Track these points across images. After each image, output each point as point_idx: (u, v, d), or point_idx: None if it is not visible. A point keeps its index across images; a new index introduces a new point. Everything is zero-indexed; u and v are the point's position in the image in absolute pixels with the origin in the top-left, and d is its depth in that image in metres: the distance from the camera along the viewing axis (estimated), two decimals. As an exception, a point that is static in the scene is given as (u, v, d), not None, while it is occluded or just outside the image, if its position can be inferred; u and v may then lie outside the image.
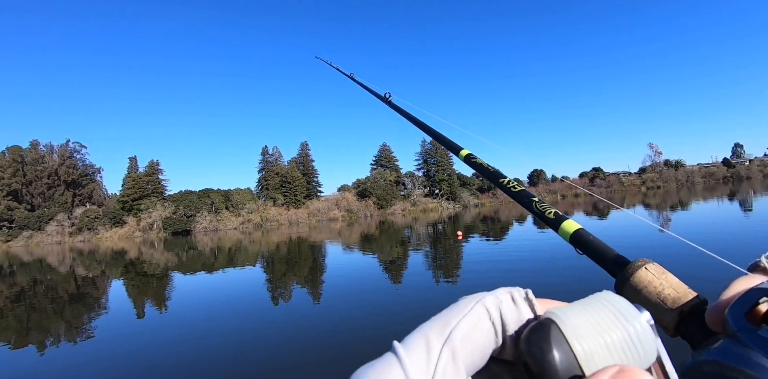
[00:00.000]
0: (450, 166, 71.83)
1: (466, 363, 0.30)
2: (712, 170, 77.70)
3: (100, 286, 15.37)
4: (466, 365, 0.30)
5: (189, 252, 26.91)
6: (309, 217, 59.92)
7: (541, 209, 0.70)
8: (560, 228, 0.64)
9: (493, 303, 0.33)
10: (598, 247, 0.57)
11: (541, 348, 0.28)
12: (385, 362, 0.31)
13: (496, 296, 0.34)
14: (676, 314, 0.44)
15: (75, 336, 8.05)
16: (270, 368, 5.22)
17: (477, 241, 17.58)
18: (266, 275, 13.98)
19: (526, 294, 0.34)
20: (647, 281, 0.47)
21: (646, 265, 0.49)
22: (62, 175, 66.84)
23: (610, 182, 74.01)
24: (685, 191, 49.71)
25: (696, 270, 3.55)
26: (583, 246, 0.59)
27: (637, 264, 0.49)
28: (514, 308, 0.33)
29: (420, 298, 8.38)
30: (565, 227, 0.63)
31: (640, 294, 0.47)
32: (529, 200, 0.74)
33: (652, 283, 0.47)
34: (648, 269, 0.48)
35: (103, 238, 55.86)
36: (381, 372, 0.30)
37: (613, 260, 0.54)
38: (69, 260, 28.48)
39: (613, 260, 0.54)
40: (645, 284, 0.47)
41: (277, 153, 70.19)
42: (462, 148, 1.08)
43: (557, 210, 0.67)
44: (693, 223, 17.11)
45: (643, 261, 0.50)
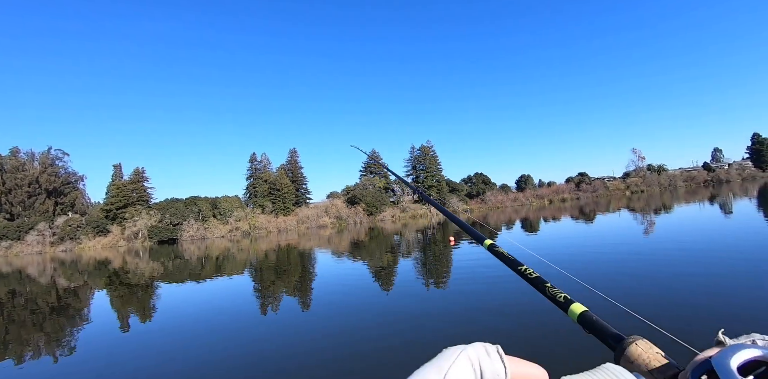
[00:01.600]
0: (439, 173, 72.29)
1: None
2: (693, 174, 79.64)
3: (83, 297, 14.94)
4: None
5: (175, 261, 26.41)
6: (298, 224, 59.48)
7: (552, 293, 0.82)
8: (569, 310, 0.77)
9: (474, 355, 0.37)
10: (599, 326, 0.71)
11: None
12: None
13: (475, 348, 0.39)
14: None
15: (56, 350, 7.79)
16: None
17: (467, 246, 17.64)
18: (255, 284, 13.79)
19: (497, 349, 0.39)
20: (637, 355, 0.62)
21: (636, 341, 0.64)
22: (43, 184, 65.26)
23: (595, 187, 75.26)
24: (668, 195, 50.80)
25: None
26: (588, 326, 0.73)
27: (629, 341, 0.64)
28: (489, 360, 0.38)
29: (411, 306, 8.35)
30: (573, 309, 0.76)
31: (633, 365, 0.62)
32: (543, 285, 0.85)
33: (641, 356, 0.61)
34: (638, 344, 0.63)
35: (86, 247, 54.51)
36: None
37: (612, 337, 0.68)
38: (50, 271, 27.67)
39: (611, 336, 0.68)
40: (635, 357, 0.62)
41: (266, 160, 69.80)
42: (486, 238, 1.19)
43: (566, 294, 0.81)
44: (676, 230, 17.44)
45: (634, 338, 0.65)
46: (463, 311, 7.33)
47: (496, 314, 6.88)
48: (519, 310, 6.87)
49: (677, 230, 15.79)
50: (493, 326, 6.32)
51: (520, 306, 7.03)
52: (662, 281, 8.26)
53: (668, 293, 7.41)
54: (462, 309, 7.49)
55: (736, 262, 8.84)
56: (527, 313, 6.61)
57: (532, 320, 6.28)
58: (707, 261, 9.31)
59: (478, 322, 6.60)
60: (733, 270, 8.12)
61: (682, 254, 10.59)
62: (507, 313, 6.86)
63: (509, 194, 75.10)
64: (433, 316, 7.21)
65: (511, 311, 6.94)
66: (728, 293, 6.84)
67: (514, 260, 0.98)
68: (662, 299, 7.17)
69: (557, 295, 0.81)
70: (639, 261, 10.21)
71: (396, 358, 5.32)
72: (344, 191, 68.24)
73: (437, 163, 73.04)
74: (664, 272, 8.97)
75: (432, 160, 72.39)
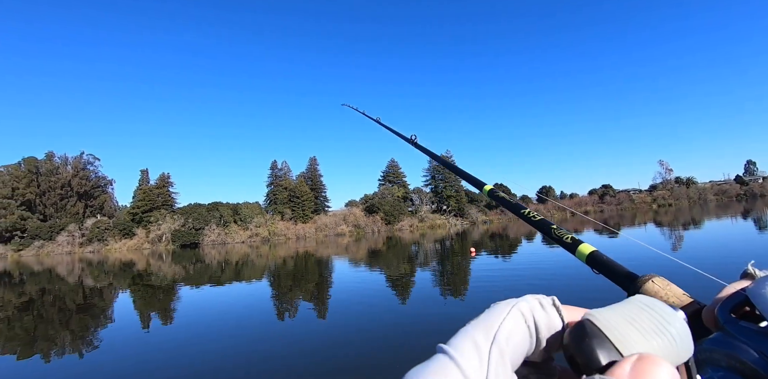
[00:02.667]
0: (458, 183, 71.69)
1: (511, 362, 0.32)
2: (724, 188, 76.51)
3: (107, 297, 15.39)
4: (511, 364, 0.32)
5: (196, 265, 26.94)
6: (316, 232, 59.88)
7: (559, 235, 0.78)
8: (577, 251, 0.73)
9: (527, 308, 0.36)
10: (611, 265, 0.67)
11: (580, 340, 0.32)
12: (439, 362, 0.32)
13: (527, 301, 0.37)
14: None
15: (80, 347, 8.03)
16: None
17: (487, 257, 17.37)
18: (272, 290, 13.91)
19: (553, 301, 0.37)
20: (654, 292, 0.57)
21: (652, 278, 0.59)
22: (75, 187, 68.06)
23: (620, 200, 73.15)
24: (698, 209, 48.84)
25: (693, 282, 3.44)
26: (598, 266, 0.69)
27: (644, 278, 0.60)
28: (544, 313, 0.36)
29: (429, 316, 8.26)
30: (582, 250, 0.72)
31: None
32: (549, 227, 0.82)
33: (659, 293, 0.56)
34: (654, 281, 0.58)
35: (112, 249, 56.29)
36: (437, 372, 0.32)
37: (625, 276, 0.63)
38: (78, 271, 28.65)
39: (624, 275, 0.64)
40: (652, 294, 0.56)
41: (286, 168, 70.88)
42: (485, 184, 1.16)
43: (573, 235, 0.76)
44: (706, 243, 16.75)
45: (649, 276, 0.60)
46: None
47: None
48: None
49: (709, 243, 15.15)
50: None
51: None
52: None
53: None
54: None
55: None
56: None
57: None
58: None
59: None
60: None
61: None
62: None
63: (529, 205, 73.79)
64: (453, 327, 7.10)
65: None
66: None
67: (516, 203, 0.96)
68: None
69: (564, 236, 0.77)
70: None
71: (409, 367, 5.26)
72: (363, 199, 68.48)
73: (456, 173, 72.53)
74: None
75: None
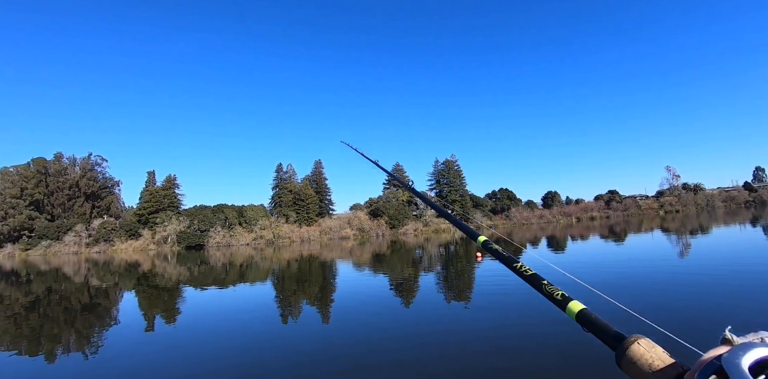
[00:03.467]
0: (463, 187, 71.59)
1: None
2: (733, 194, 75.74)
3: (113, 297, 15.49)
4: None
5: (201, 266, 27.05)
6: (321, 235, 59.91)
7: (549, 291, 0.80)
8: (567, 308, 0.75)
9: None
10: (599, 325, 0.68)
11: None
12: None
13: None
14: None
15: (85, 346, 8.07)
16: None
17: (493, 262, 17.28)
18: (276, 293, 13.92)
19: None
20: (640, 355, 0.58)
21: (638, 340, 0.60)
22: (83, 187, 68.77)
23: (626, 205, 72.54)
24: (706, 215, 48.31)
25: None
26: (587, 324, 0.70)
27: (630, 340, 0.61)
28: None
29: (431, 322, 8.22)
30: (571, 308, 0.74)
31: (635, 365, 0.58)
32: (539, 282, 0.83)
33: (644, 356, 0.58)
34: (640, 343, 0.59)
35: (118, 249, 56.68)
36: None
37: (612, 336, 0.65)
38: (84, 271, 28.87)
39: (611, 335, 0.65)
40: (638, 357, 0.58)
41: (291, 171, 71.15)
42: (479, 235, 1.19)
43: (564, 292, 0.78)
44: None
45: (635, 337, 0.61)
46: (483, 329, 7.15)
47: (518, 335, 6.67)
48: (541, 330, 6.64)
49: (710, 254, 14.96)
50: (512, 344, 6.12)
51: (542, 326, 6.80)
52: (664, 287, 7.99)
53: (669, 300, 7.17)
54: (482, 326, 7.30)
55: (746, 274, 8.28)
56: (551, 334, 6.38)
57: (559, 340, 6.05)
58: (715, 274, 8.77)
59: (495, 339, 6.41)
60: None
61: (689, 268, 10.02)
62: (529, 333, 6.64)
63: (535, 210, 73.33)
64: (454, 332, 7.06)
65: (532, 330, 6.71)
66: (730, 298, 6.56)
67: (509, 256, 0.97)
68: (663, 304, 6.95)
69: (554, 292, 0.79)
70: (647, 272, 9.74)
71: (414, 372, 5.23)
72: (367, 203, 68.49)
73: (461, 177, 72.45)
74: (668, 281, 8.64)
75: (456, 174, 71.88)
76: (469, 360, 5.53)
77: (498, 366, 5.26)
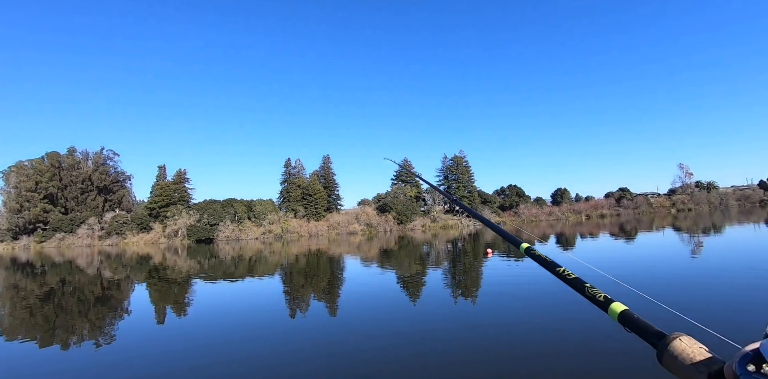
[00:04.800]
0: (471, 183, 71.22)
1: None
2: (747, 193, 74.28)
3: (125, 289, 15.75)
4: None
5: (211, 260, 27.36)
6: (329, 230, 60.18)
7: (592, 293, 0.83)
8: (609, 309, 0.78)
9: None
10: (641, 324, 0.72)
11: None
12: None
13: None
14: (705, 375, 0.57)
15: (98, 338, 8.23)
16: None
17: (501, 259, 17.20)
18: (284, 287, 14.04)
19: None
20: (681, 350, 0.62)
21: (680, 337, 0.64)
22: (95, 181, 69.87)
23: (637, 203, 71.56)
24: (719, 214, 47.46)
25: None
26: (629, 324, 0.74)
27: (672, 336, 0.64)
28: None
29: (441, 321, 8.21)
30: (614, 308, 0.77)
31: (677, 360, 0.61)
32: (582, 285, 0.86)
33: (685, 351, 0.61)
34: (682, 340, 0.63)
35: (130, 242, 57.59)
36: None
37: (654, 334, 0.68)
38: (97, 263, 29.40)
39: (653, 334, 0.69)
40: (679, 352, 0.61)
41: (300, 166, 71.37)
42: (522, 242, 1.21)
43: (606, 294, 0.82)
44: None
45: (677, 334, 0.65)
46: (490, 324, 7.12)
47: (528, 329, 6.64)
48: (556, 325, 6.60)
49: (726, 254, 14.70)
50: (523, 339, 6.09)
51: (559, 322, 6.76)
52: (704, 288, 7.82)
53: (701, 297, 7.29)
54: (488, 322, 7.28)
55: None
56: (568, 329, 6.34)
57: (574, 336, 6.01)
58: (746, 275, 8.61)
59: (506, 335, 6.39)
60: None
61: (722, 271, 9.84)
62: (540, 327, 6.60)
63: (544, 207, 72.72)
64: (461, 328, 7.05)
65: (544, 325, 6.67)
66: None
67: (552, 262, 0.99)
68: (695, 301, 7.06)
69: (597, 295, 0.82)
70: (665, 270, 9.58)
71: (418, 368, 5.24)
72: (375, 198, 68.54)
73: (470, 173, 72.07)
74: (706, 281, 8.45)
75: (464, 170, 71.52)
76: (474, 355, 5.52)
77: (504, 361, 5.24)
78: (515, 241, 1.25)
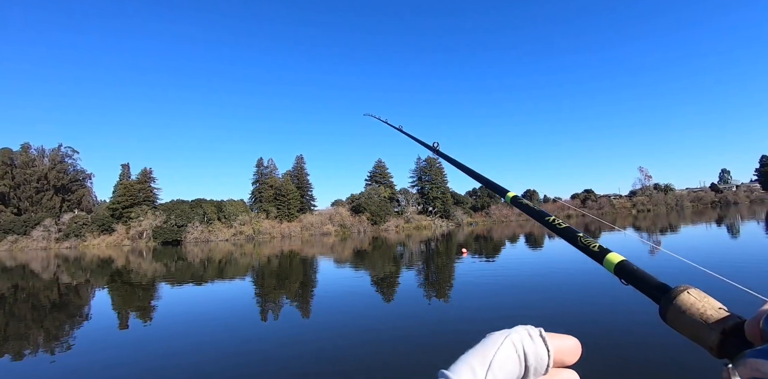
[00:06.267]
0: (444, 185, 72.13)
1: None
2: (700, 195, 79.01)
3: (84, 295, 15.00)
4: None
5: (178, 263, 26.46)
6: (302, 231, 59.45)
7: (585, 243, 0.73)
8: (605, 260, 0.68)
9: (518, 338, 0.40)
10: (641, 276, 0.61)
11: None
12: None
13: (518, 332, 0.42)
14: (718, 332, 0.48)
15: (54, 346, 7.80)
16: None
17: (475, 258, 17.52)
18: (256, 289, 13.77)
19: (540, 332, 0.42)
20: (690, 304, 0.52)
21: (688, 289, 0.53)
22: (52, 180, 66.06)
23: (601, 204, 74.75)
24: (675, 215, 50.26)
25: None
26: (627, 276, 0.63)
27: (679, 289, 0.54)
28: (532, 343, 0.40)
29: (412, 318, 8.28)
30: (610, 259, 0.67)
31: (684, 315, 0.52)
32: (574, 235, 0.76)
33: (695, 305, 0.51)
34: (690, 293, 0.53)
35: (90, 245, 54.82)
36: None
37: (656, 287, 0.58)
38: (53, 267, 27.82)
39: (656, 287, 0.58)
40: (688, 306, 0.52)
41: (272, 165, 70.17)
42: (508, 191, 1.14)
43: (601, 244, 0.71)
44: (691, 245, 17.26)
45: (684, 286, 0.54)
46: (465, 320, 7.26)
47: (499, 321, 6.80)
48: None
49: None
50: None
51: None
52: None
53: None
54: (464, 318, 7.41)
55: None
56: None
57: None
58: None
59: (476, 328, 6.52)
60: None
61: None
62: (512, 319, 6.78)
63: (514, 208, 74.54)
64: (434, 324, 7.14)
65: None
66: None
67: (540, 210, 0.92)
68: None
69: (591, 244, 0.72)
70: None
71: (392, 365, 5.27)
72: (349, 199, 68.29)
73: (443, 175, 72.99)
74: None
75: (438, 171, 72.39)
76: (445, 348, 5.60)
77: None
78: (501, 190, 1.16)
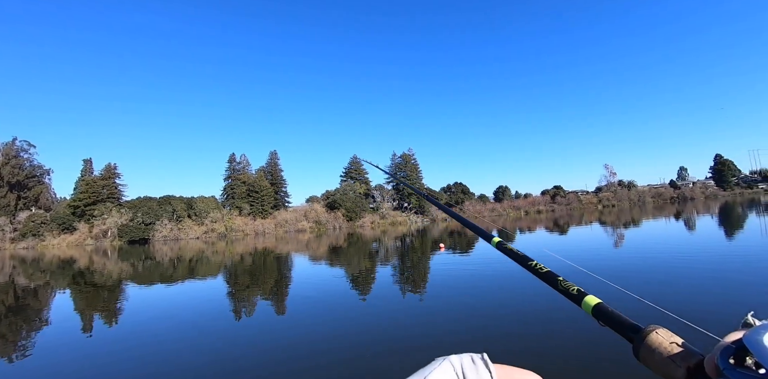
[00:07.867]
0: (419, 181, 72.70)
1: None
2: (660, 191, 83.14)
3: (43, 297, 14.24)
4: None
5: (146, 262, 25.53)
6: (276, 228, 58.56)
7: (565, 286, 0.79)
8: (583, 303, 0.73)
9: (458, 362, 0.40)
10: (616, 317, 0.67)
11: None
12: None
13: (460, 357, 0.41)
14: (684, 370, 0.54)
15: (10, 353, 7.37)
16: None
17: (448, 253, 17.77)
18: (228, 288, 13.47)
19: (482, 357, 0.41)
20: (658, 344, 0.58)
21: (656, 330, 0.60)
22: (6, 176, 62.16)
23: (569, 200, 77.44)
24: (637, 210, 52.69)
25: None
26: (603, 318, 0.69)
27: (648, 329, 0.60)
28: (474, 368, 0.40)
29: (388, 313, 8.33)
30: (588, 301, 0.73)
31: (654, 354, 0.58)
32: (555, 279, 0.82)
33: (662, 344, 0.58)
34: (658, 333, 0.60)
35: (49, 245, 52.09)
36: None
37: (629, 327, 0.64)
38: (9, 269, 26.26)
39: (628, 327, 0.64)
40: (656, 345, 0.58)
41: (245, 161, 68.69)
42: (493, 237, 1.20)
43: (579, 287, 0.77)
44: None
45: (653, 327, 0.61)
46: (440, 318, 7.36)
47: (483, 318, 6.94)
48: (508, 314, 6.95)
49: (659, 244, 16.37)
50: (480, 329, 6.37)
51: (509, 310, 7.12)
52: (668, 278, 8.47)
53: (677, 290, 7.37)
54: (440, 316, 7.51)
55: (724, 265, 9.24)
56: (516, 319, 6.70)
57: (524, 325, 6.37)
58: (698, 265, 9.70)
59: (462, 325, 6.64)
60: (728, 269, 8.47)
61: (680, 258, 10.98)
62: (494, 315, 6.93)
63: (487, 204, 76.35)
64: (412, 322, 7.21)
65: (500, 314, 7.01)
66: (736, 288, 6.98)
67: (523, 255, 0.97)
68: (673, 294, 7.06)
69: (570, 288, 0.78)
70: (635, 264, 10.51)
71: (370, 366, 5.29)
72: (324, 195, 67.77)
73: (418, 171, 73.55)
74: (663, 272, 9.25)
75: (413, 168, 72.84)
76: (428, 349, 5.67)
77: (454, 346, 5.43)
78: (487, 235, 1.21)
